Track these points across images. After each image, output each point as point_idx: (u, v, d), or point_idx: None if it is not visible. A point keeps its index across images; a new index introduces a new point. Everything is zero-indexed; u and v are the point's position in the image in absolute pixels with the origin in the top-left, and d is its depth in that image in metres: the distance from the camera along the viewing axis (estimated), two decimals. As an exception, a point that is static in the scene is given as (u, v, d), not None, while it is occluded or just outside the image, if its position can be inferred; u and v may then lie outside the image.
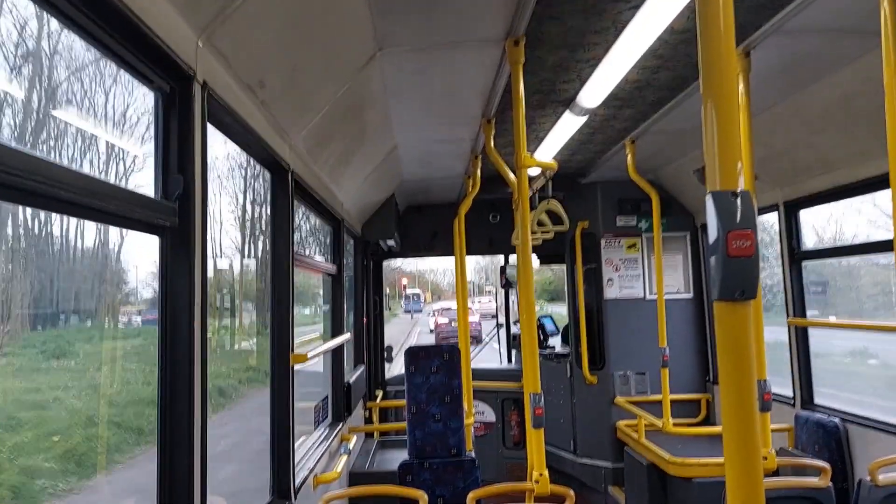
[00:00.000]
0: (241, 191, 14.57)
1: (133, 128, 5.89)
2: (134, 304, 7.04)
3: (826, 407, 5.15)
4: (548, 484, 3.42)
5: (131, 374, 6.96)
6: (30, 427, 5.55)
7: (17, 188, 1.45)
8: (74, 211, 1.79)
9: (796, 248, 5.46)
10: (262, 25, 2.53)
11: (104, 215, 1.86)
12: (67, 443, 5.66)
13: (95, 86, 4.36)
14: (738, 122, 1.67)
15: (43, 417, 5.79)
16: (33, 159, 1.49)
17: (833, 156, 4.73)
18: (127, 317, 6.86)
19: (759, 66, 3.95)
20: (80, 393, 6.37)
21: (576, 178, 7.47)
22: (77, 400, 6.28)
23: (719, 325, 1.66)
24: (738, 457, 1.61)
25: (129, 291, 6.63)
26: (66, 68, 3.85)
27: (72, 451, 5.64)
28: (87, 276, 5.84)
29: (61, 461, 5.46)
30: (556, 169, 4.15)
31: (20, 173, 1.42)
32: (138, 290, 6.69)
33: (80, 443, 5.83)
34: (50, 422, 5.79)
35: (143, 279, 6.42)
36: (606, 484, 7.26)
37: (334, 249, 5.79)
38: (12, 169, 1.39)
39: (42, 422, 5.72)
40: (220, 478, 6.97)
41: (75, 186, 1.63)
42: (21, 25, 3.14)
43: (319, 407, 5.26)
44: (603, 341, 7.38)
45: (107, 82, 4.36)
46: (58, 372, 6.18)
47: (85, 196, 1.68)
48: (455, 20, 3.30)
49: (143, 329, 7.19)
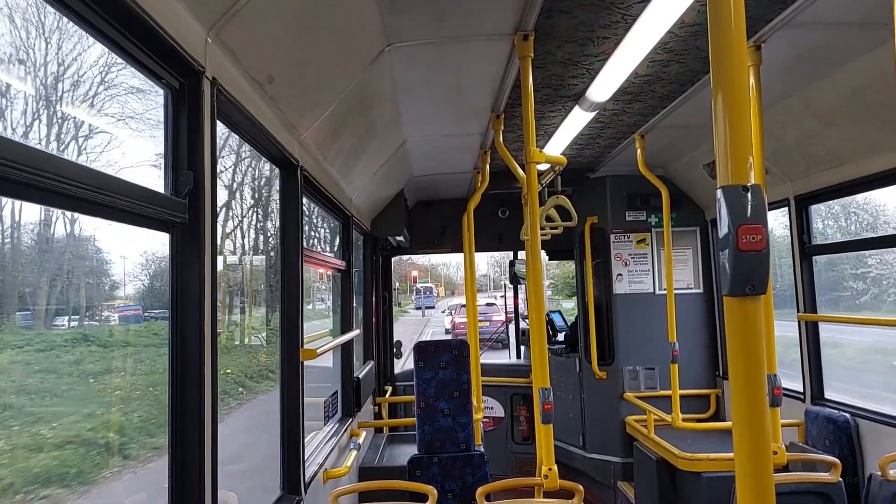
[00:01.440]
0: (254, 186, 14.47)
1: (142, 124, 5.76)
2: (120, 299, 6.09)
3: (836, 402, 5.12)
4: (557, 479, 3.42)
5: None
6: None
7: (26, 185, 1.46)
8: (84, 208, 1.79)
9: (807, 243, 5.42)
10: (270, 21, 2.54)
11: (114, 212, 1.87)
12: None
13: (105, 82, 4.34)
14: (749, 116, 1.66)
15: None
16: (42, 155, 1.49)
17: (844, 149, 4.70)
18: (97, 313, 5.76)
19: (770, 60, 3.92)
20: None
21: (585, 173, 7.45)
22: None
23: (729, 319, 1.65)
24: (748, 452, 1.61)
25: (113, 285, 5.81)
26: (76, 64, 3.84)
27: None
28: (46, 266, 4.95)
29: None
30: (565, 164, 4.14)
31: (29, 170, 1.42)
32: (124, 284, 5.85)
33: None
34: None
35: (131, 271, 5.70)
36: (616, 479, 7.25)
37: (343, 245, 5.79)
38: (22, 165, 1.40)
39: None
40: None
41: (85, 183, 1.63)
42: (27, 20, 3.11)
43: (329, 402, 5.28)
44: (612, 336, 7.37)
45: (116, 78, 4.34)
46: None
47: (94, 192, 1.69)
48: (464, 15, 3.29)
49: (118, 327, 5.85)
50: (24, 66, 3.38)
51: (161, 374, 4.65)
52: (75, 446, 4.44)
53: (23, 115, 3.38)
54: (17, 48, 3.12)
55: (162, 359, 3.76)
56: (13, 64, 3.20)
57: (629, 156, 6.30)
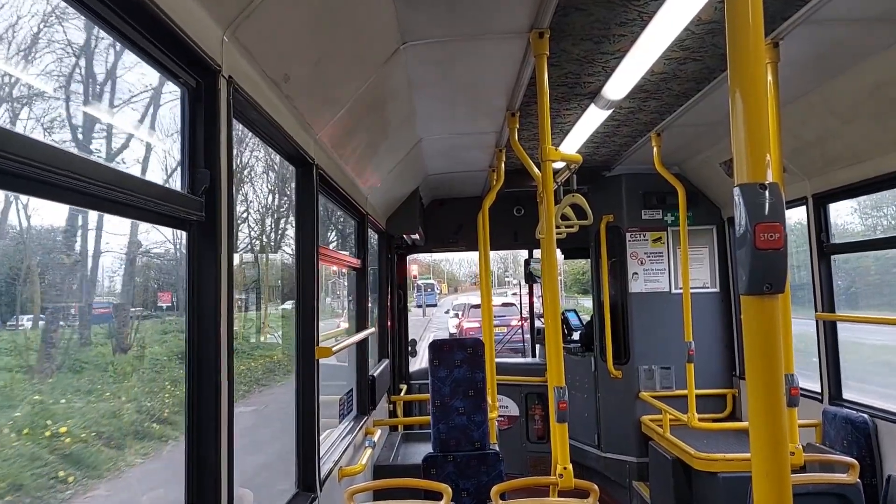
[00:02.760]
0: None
1: (159, 123, 5.67)
2: (99, 295, 5.50)
3: (855, 402, 5.07)
4: (572, 478, 3.41)
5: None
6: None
7: (46, 183, 1.47)
8: (104, 206, 1.81)
9: (825, 242, 5.37)
10: (286, 19, 2.55)
11: (132, 209, 1.88)
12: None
13: (121, 80, 4.35)
14: (767, 113, 1.65)
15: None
16: (63, 154, 1.50)
17: (864, 146, 4.64)
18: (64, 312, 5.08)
19: (789, 56, 3.88)
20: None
21: (601, 171, 7.43)
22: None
23: (746, 319, 1.64)
24: (765, 452, 1.60)
25: (86, 279, 5.26)
26: (95, 62, 3.86)
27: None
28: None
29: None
30: (580, 162, 4.13)
31: (49, 168, 1.44)
32: (101, 279, 5.27)
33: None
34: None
35: (111, 266, 5.19)
36: (631, 479, 7.23)
37: (358, 244, 5.81)
38: (42, 164, 1.41)
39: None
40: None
41: (103, 181, 1.64)
42: (45, 18, 3.13)
43: (344, 400, 5.30)
44: (628, 335, 7.34)
45: (134, 78, 4.33)
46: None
47: (114, 191, 1.70)
48: (479, 12, 3.29)
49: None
50: (44, 67, 3.42)
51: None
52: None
53: (46, 113, 3.42)
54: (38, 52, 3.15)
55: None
56: (30, 62, 3.23)
57: (645, 154, 6.27)
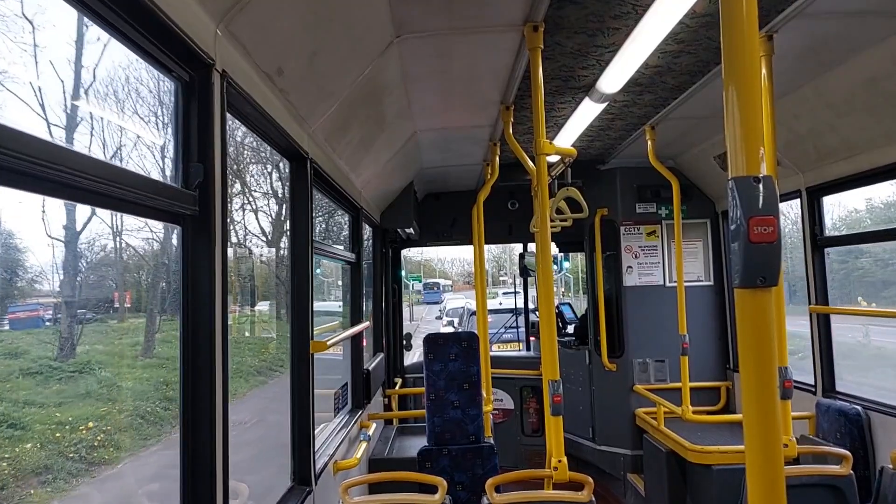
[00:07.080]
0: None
1: (151, 117, 5.59)
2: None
3: (848, 395, 5.10)
4: (566, 471, 3.42)
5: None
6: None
7: (37, 177, 1.46)
8: (96, 200, 1.80)
9: (819, 235, 5.39)
10: (279, 13, 2.53)
11: (124, 204, 1.87)
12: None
13: (114, 74, 4.29)
14: (761, 106, 1.65)
15: None
16: (55, 148, 1.50)
17: (858, 139, 4.66)
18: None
19: (783, 50, 3.89)
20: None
21: (595, 164, 7.43)
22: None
23: (740, 311, 1.65)
24: (759, 444, 1.61)
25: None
26: (85, 55, 3.81)
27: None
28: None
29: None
30: (575, 156, 4.13)
31: (41, 162, 1.43)
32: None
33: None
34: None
35: (44, 264, 4.41)
36: (625, 471, 7.25)
37: (353, 237, 5.80)
38: (33, 158, 1.40)
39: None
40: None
41: (95, 175, 1.64)
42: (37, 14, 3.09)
43: (339, 394, 5.30)
44: (622, 329, 7.36)
45: (125, 71, 4.27)
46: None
47: (106, 185, 1.69)
48: (473, 5, 3.28)
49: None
50: (38, 59, 3.38)
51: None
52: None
53: (40, 108, 3.38)
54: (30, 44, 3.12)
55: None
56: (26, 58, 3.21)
57: (639, 147, 6.28)
